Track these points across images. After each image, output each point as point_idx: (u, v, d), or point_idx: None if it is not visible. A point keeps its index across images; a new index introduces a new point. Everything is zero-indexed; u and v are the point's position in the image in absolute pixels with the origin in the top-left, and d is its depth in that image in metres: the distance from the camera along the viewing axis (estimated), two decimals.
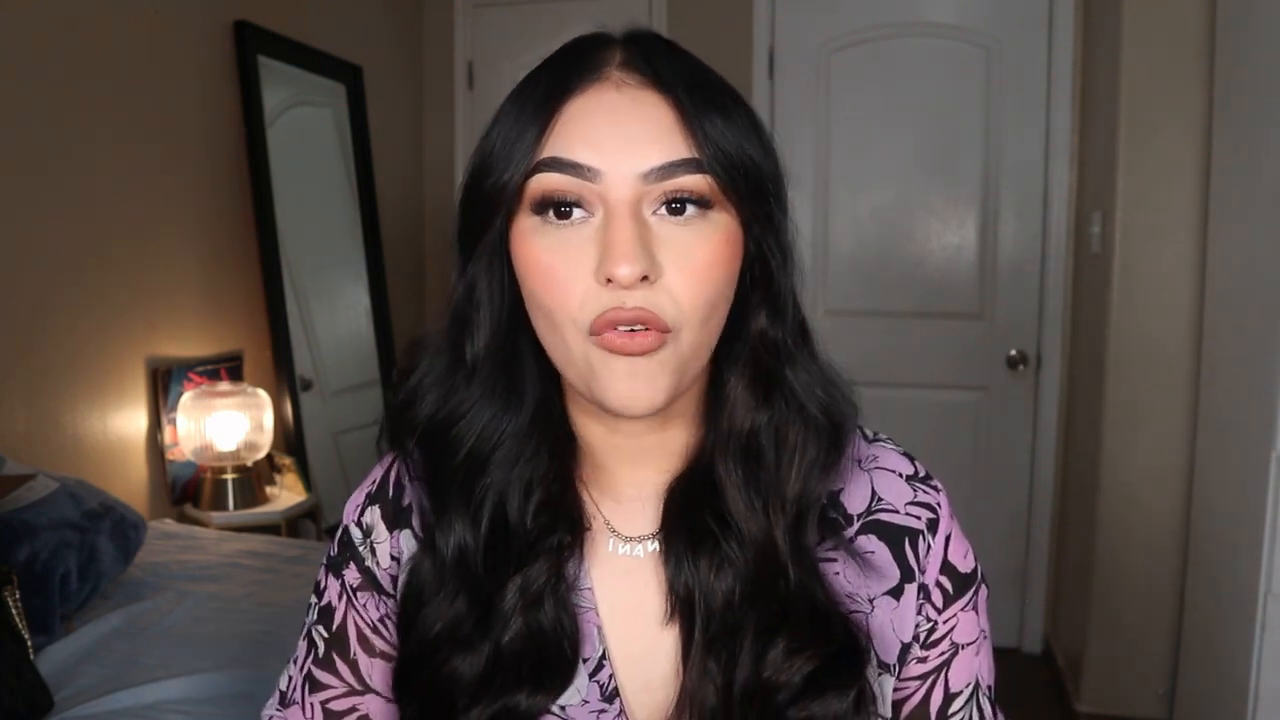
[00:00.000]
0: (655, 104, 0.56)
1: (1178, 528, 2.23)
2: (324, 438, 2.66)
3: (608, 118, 0.55)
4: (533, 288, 0.57)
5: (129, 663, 1.35)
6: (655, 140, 0.55)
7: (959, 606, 0.65)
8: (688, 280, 0.55)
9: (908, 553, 0.64)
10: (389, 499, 0.67)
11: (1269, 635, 1.64)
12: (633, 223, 0.54)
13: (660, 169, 0.54)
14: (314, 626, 0.68)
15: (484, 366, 0.61)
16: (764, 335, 0.60)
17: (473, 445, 0.61)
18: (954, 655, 0.65)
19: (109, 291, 2.03)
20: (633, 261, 0.53)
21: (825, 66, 2.87)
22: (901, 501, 0.65)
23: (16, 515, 1.45)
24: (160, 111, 2.16)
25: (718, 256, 0.56)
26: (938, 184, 2.82)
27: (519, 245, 0.57)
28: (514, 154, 0.56)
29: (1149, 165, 2.22)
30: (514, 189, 0.56)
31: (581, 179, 0.55)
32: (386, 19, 3.12)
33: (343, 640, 0.66)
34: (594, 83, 0.56)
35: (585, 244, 0.55)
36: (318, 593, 0.69)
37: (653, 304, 0.54)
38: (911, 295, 2.84)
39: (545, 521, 0.61)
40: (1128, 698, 2.35)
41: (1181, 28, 2.15)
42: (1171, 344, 2.22)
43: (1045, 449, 2.80)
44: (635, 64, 0.57)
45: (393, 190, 3.00)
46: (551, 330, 0.57)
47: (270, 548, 1.87)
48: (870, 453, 0.67)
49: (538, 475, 0.62)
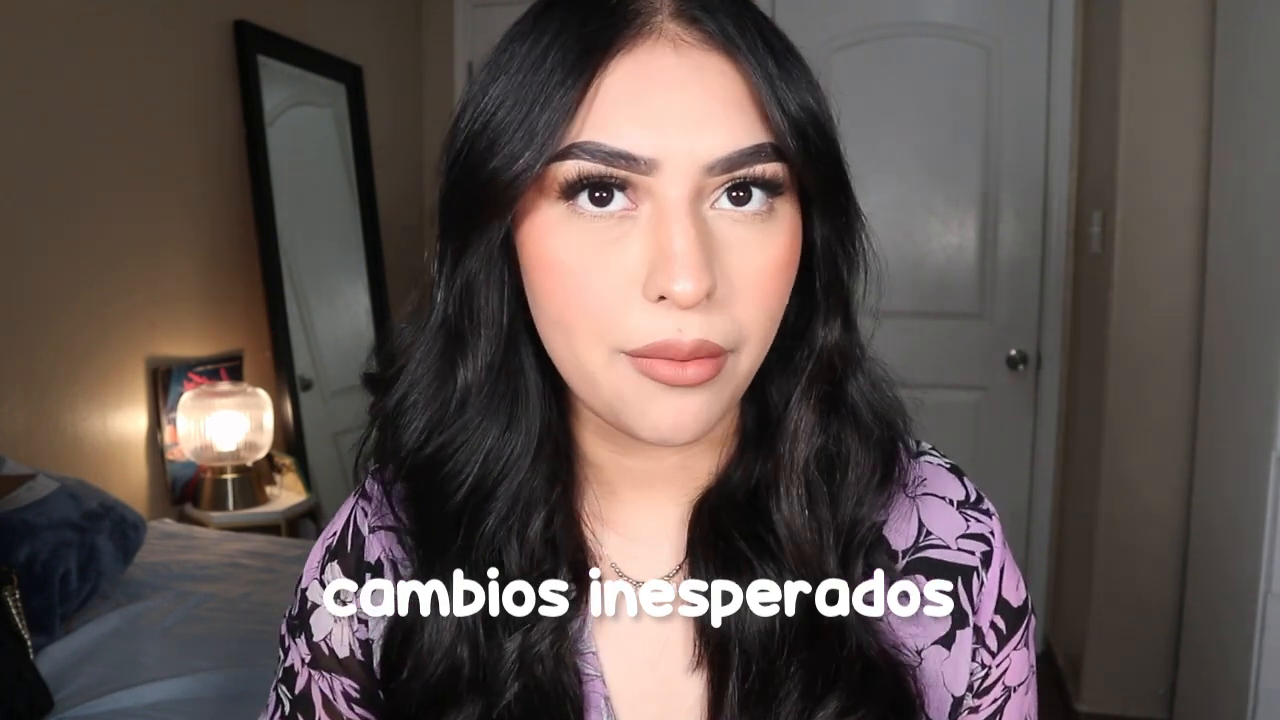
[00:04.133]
0: (723, 71, 0.45)
1: (1178, 528, 2.23)
2: (324, 438, 2.66)
3: (664, 90, 0.44)
4: (551, 296, 0.46)
5: (129, 663, 1.34)
6: (724, 122, 0.44)
7: (1012, 646, 0.56)
8: (752, 293, 0.45)
9: (960, 594, 0.54)
10: (349, 554, 0.58)
11: (1269, 635, 1.64)
12: (693, 226, 0.43)
13: (729, 158, 0.44)
14: (279, 685, 0.60)
15: (482, 388, 0.51)
16: (835, 349, 0.51)
17: (474, 481, 0.51)
18: (1006, 700, 0.57)
19: (109, 291, 2.02)
20: (697, 277, 0.42)
21: (825, 66, 2.86)
22: (953, 535, 0.55)
23: (16, 515, 1.45)
24: (160, 111, 2.16)
25: (784, 260, 0.47)
26: (938, 184, 2.82)
27: (534, 239, 0.46)
28: (535, 129, 0.44)
29: (1149, 165, 2.22)
30: (533, 175, 0.44)
31: (632, 171, 0.43)
32: (386, 19, 3.12)
33: (307, 706, 0.58)
34: (642, 37, 0.44)
35: (626, 244, 0.44)
36: (282, 649, 0.60)
37: (712, 331, 0.44)
38: (911, 295, 2.84)
39: (548, 568, 0.51)
40: (1128, 698, 2.35)
41: (1182, 28, 2.15)
42: (1171, 343, 2.22)
43: (1045, 449, 2.80)
44: (692, 12, 0.45)
45: (393, 190, 3.00)
46: (567, 347, 0.47)
47: (270, 548, 1.87)
48: (917, 474, 0.57)
49: (536, 508, 0.51)
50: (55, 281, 1.90)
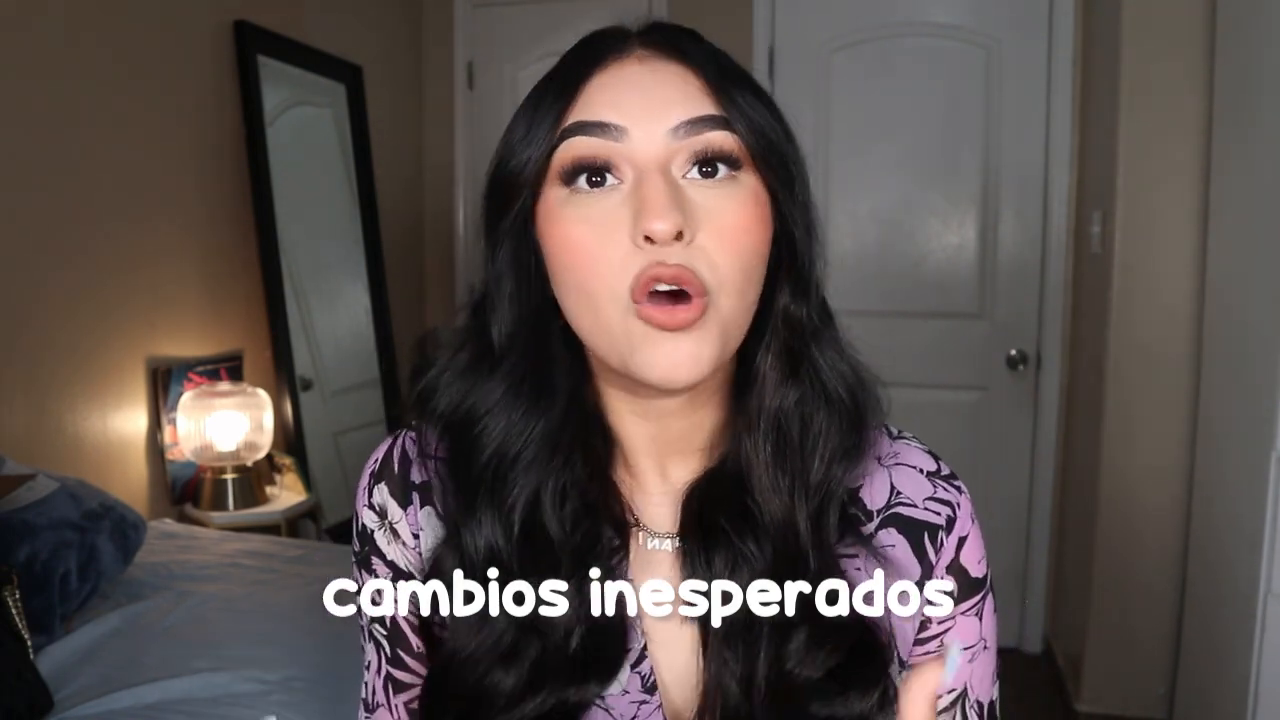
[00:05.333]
0: (679, 72, 0.56)
1: (1178, 528, 2.23)
2: (324, 438, 2.66)
3: (632, 84, 0.56)
4: (565, 263, 0.56)
5: (129, 663, 1.34)
6: (681, 100, 0.55)
7: (959, 609, 0.63)
8: (722, 242, 0.54)
9: (928, 548, 0.63)
10: (395, 475, 0.64)
11: (1269, 635, 1.64)
12: (664, 180, 0.53)
13: (687, 124, 0.54)
14: (370, 626, 0.65)
15: (510, 357, 0.59)
16: (787, 311, 0.60)
17: (498, 446, 0.59)
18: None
19: (109, 291, 2.03)
20: (667, 216, 0.52)
21: (825, 66, 2.87)
22: (920, 496, 0.64)
23: (16, 515, 1.45)
24: (160, 111, 2.16)
25: (750, 220, 0.55)
26: (938, 184, 2.82)
27: (547, 223, 0.57)
28: (537, 134, 0.56)
29: (1149, 165, 2.22)
30: (539, 164, 0.56)
31: (608, 138, 0.54)
32: (386, 19, 3.12)
33: (400, 635, 0.64)
34: (615, 60, 0.57)
35: (618, 210, 0.54)
36: (359, 589, 0.65)
37: (691, 263, 0.53)
38: (911, 295, 2.84)
39: (589, 527, 0.59)
40: (1128, 698, 2.35)
41: (1182, 28, 2.15)
42: (1171, 343, 2.22)
43: (1045, 449, 2.80)
44: (658, 44, 0.58)
45: (392, 190, 3.00)
46: (586, 307, 0.55)
47: (270, 548, 1.87)
48: (893, 450, 0.66)
49: (573, 479, 0.59)
50: (55, 282, 1.91)
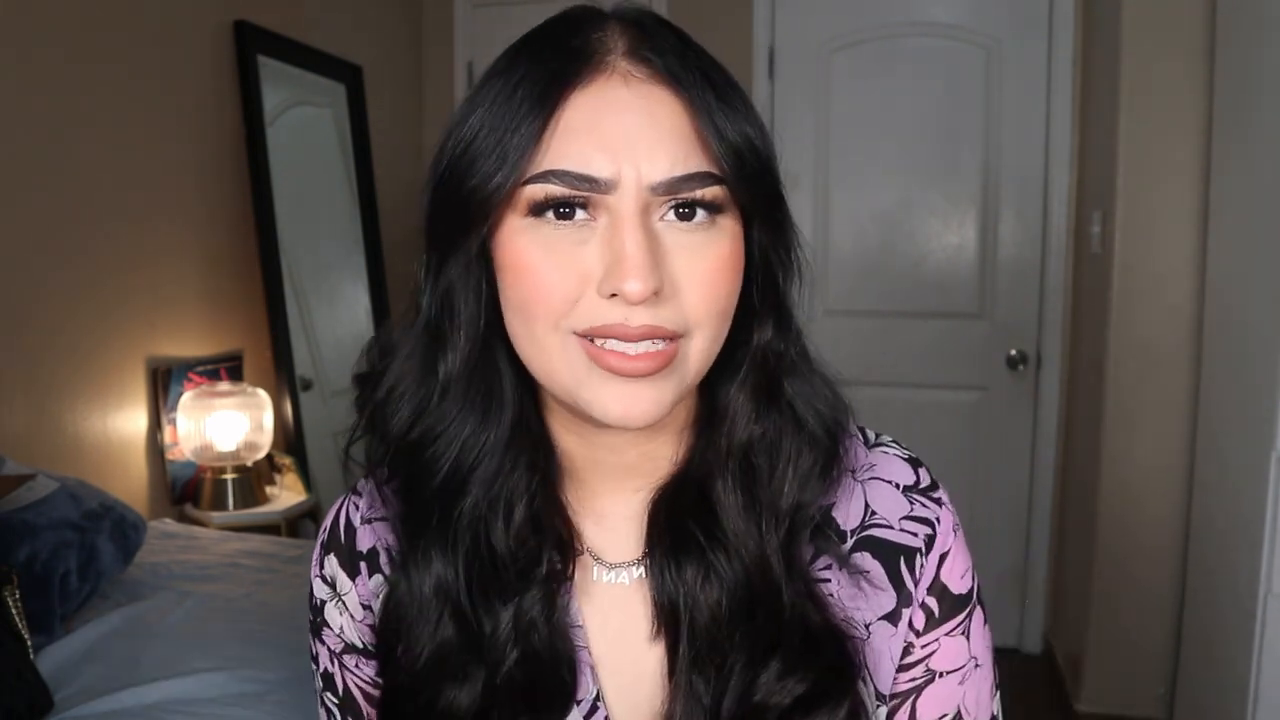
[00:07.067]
0: (667, 102, 0.51)
1: (1178, 528, 2.23)
2: (324, 438, 2.65)
3: (615, 118, 0.50)
4: (517, 291, 0.52)
5: (129, 663, 1.34)
6: (669, 148, 0.50)
7: (943, 630, 0.60)
8: (697, 290, 0.51)
9: (904, 573, 0.59)
10: (342, 545, 0.64)
11: (1269, 635, 1.64)
12: (642, 233, 0.49)
13: (671, 181, 0.50)
14: (323, 694, 0.66)
15: (459, 382, 0.56)
16: (769, 347, 0.57)
17: (451, 465, 0.57)
18: (927, 683, 0.60)
19: (109, 291, 2.02)
20: (644, 277, 0.48)
21: (825, 66, 2.87)
22: (896, 516, 0.60)
23: (16, 515, 1.45)
24: (160, 111, 2.16)
25: (726, 263, 0.52)
26: (938, 184, 2.82)
27: (504, 245, 0.52)
28: (506, 152, 0.50)
29: (1149, 165, 2.22)
30: (503, 193, 0.51)
31: (590, 191, 0.50)
32: (386, 19, 3.12)
33: (352, 703, 0.64)
34: (598, 74, 0.51)
35: (584, 248, 0.51)
36: (314, 659, 0.66)
37: (660, 319, 0.50)
38: (911, 295, 2.84)
39: (533, 545, 0.57)
40: (1128, 698, 2.35)
41: (1182, 28, 2.15)
42: (1171, 344, 2.22)
43: (1045, 449, 2.80)
44: (642, 53, 0.52)
45: (393, 190, 3.00)
46: (532, 338, 0.52)
47: (270, 548, 1.87)
48: (867, 461, 0.62)
49: (518, 493, 0.57)
50: (56, 282, 1.91)
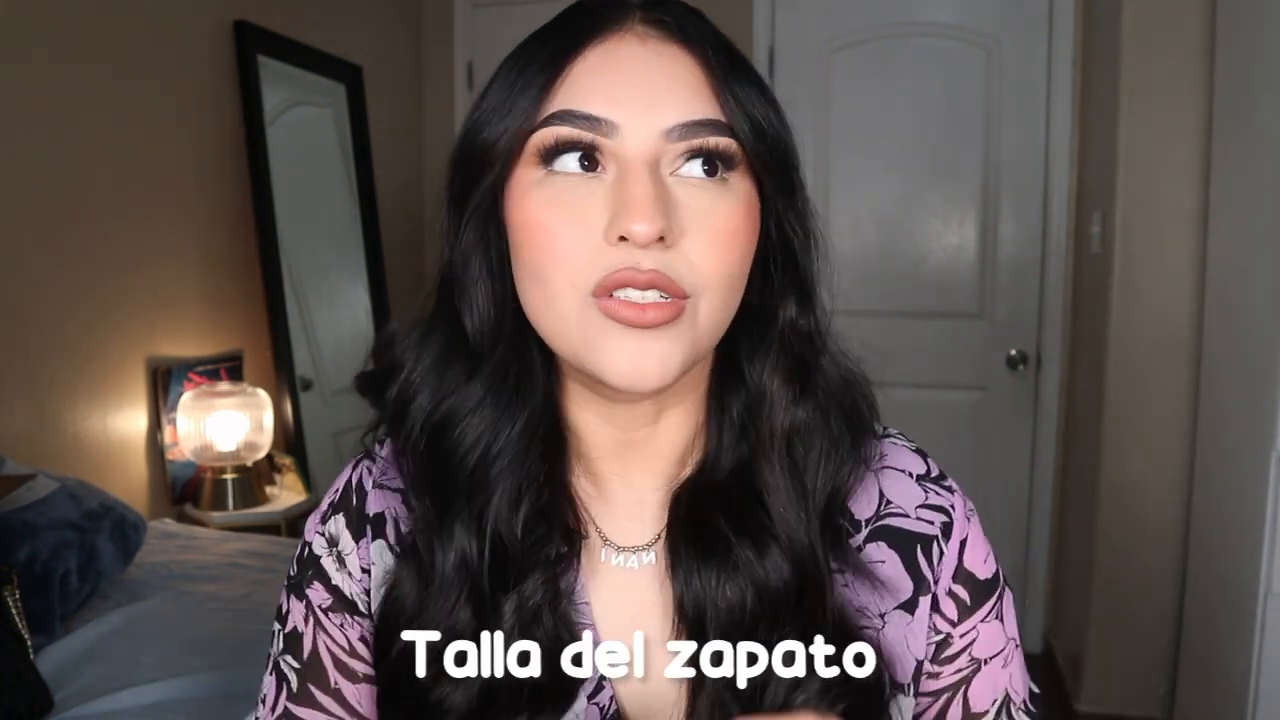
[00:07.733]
0: (681, 60, 0.51)
1: (1178, 528, 2.23)
2: (324, 438, 2.66)
3: (628, 69, 0.50)
4: (526, 247, 0.51)
5: (129, 663, 1.34)
6: (680, 96, 0.50)
7: (979, 618, 0.59)
8: (708, 246, 0.50)
9: (920, 562, 0.58)
10: (353, 506, 0.61)
11: (1269, 635, 1.64)
12: (650, 179, 0.49)
13: (684, 126, 0.50)
14: (280, 657, 0.59)
15: (486, 350, 0.55)
16: (794, 325, 0.56)
17: (477, 445, 0.55)
18: (975, 671, 0.59)
19: (109, 291, 2.02)
20: (650, 218, 0.48)
21: (825, 66, 2.87)
22: (912, 505, 0.60)
23: (16, 515, 1.45)
24: (160, 111, 2.16)
25: (739, 224, 0.51)
26: (938, 184, 2.82)
27: (515, 202, 0.52)
28: (515, 106, 0.51)
29: (1149, 165, 2.22)
30: (512, 142, 0.51)
31: (596, 133, 0.50)
32: (386, 19, 3.12)
33: (318, 669, 0.58)
34: (613, 34, 0.51)
35: (593, 200, 0.50)
36: (280, 619, 0.61)
37: (669, 268, 0.49)
38: (911, 295, 2.84)
39: (541, 532, 0.55)
40: (1128, 698, 2.35)
41: (1182, 28, 2.15)
42: (1171, 344, 2.22)
43: (1045, 449, 2.80)
44: (660, 19, 0.52)
45: (393, 190, 3.00)
46: (543, 297, 0.51)
47: (270, 548, 1.87)
48: (879, 451, 0.61)
49: (528, 480, 0.55)
50: (56, 282, 1.90)
